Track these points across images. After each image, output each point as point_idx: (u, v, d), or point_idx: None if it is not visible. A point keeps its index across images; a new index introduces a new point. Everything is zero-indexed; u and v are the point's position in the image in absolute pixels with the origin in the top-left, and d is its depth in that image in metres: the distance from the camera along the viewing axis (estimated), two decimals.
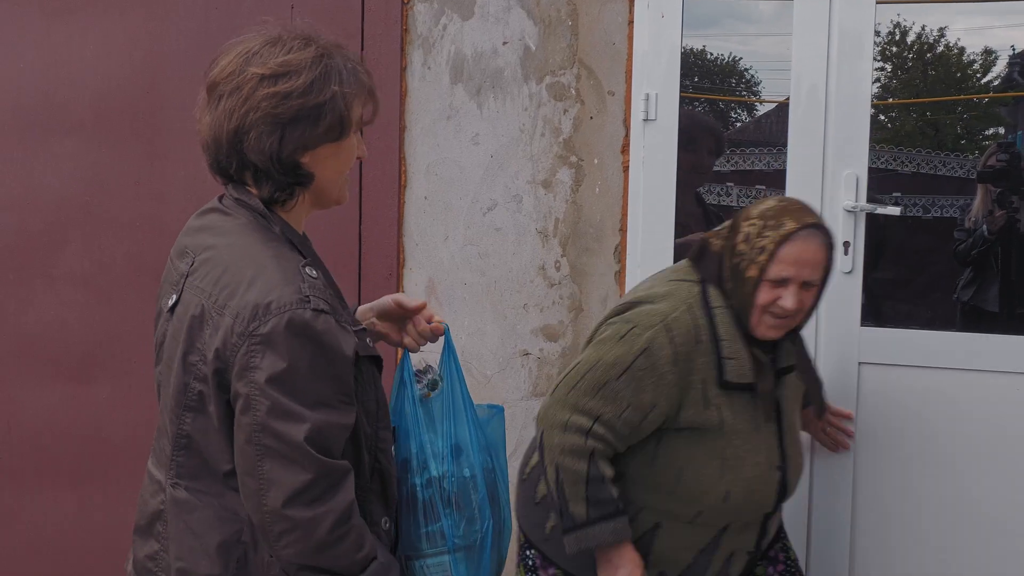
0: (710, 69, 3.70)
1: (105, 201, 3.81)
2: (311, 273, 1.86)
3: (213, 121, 1.89)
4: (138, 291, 3.77)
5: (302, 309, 1.78)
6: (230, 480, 1.86)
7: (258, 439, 1.78)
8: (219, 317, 1.81)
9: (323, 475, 1.79)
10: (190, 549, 1.87)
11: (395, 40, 3.55)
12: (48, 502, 3.90)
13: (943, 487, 3.13)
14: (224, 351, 1.80)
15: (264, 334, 1.77)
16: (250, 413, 1.78)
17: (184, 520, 1.89)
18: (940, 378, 3.13)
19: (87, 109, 3.81)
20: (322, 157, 1.91)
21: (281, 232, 1.92)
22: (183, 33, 3.74)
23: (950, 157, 3.82)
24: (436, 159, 3.56)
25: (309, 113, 1.86)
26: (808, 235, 2.48)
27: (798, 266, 2.47)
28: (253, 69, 1.87)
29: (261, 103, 1.84)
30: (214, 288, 1.85)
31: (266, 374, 1.76)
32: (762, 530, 2.64)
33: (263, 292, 1.79)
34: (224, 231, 1.92)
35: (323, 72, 1.88)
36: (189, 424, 1.88)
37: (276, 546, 1.81)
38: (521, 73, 3.49)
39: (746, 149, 3.66)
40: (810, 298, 2.52)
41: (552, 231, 3.47)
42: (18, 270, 3.88)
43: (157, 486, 1.95)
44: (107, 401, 3.84)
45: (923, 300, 3.65)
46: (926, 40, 3.66)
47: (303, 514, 1.78)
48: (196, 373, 1.85)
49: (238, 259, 1.86)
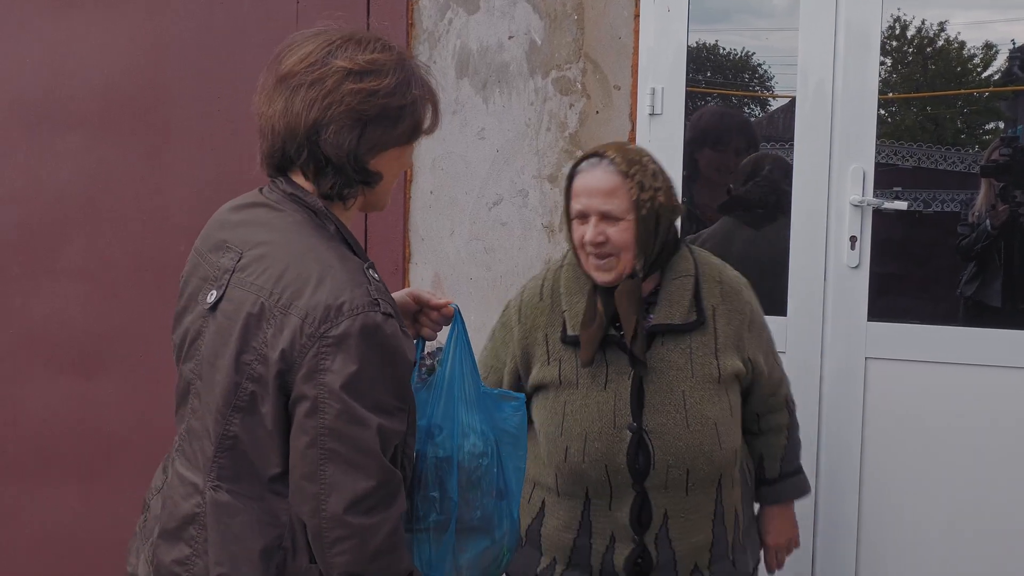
0: (722, 64, 3.69)
1: (109, 196, 3.80)
2: (375, 276, 1.84)
3: (288, 109, 1.83)
4: (141, 286, 3.77)
5: (374, 312, 1.75)
6: (274, 484, 1.82)
7: (323, 443, 1.74)
8: (283, 316, 1.76)
9: (384, 483, 1.77)
10: (232, 555, 1.82)
11: (401, 35, 3.54)
12: (51, 497, 3.89)
13: (948, 481, 3.15)
14: (291, 352, 1.75)
15: (336, 336, 1.73)
16: (317, 416, 1.74)
17: (226, 524, 1.83)
18: (944, 373, 3.15)
19: (91, 104, 3.80)
20: (388, 159, 1.89)
21: (337, 231, 1.88)
22: (186, 28, 3.73)
23: (951, 151, 3.83)
24: (442, 153, 3.55)
25: (391, 114, 1.83)
26: (591, 165, 2.46)
27: (588, 196, 2.44)
28: (339, 63, 1.82)
29: (346, 97, 1.80)
30: (275, 286, 1.79)
31: (338, 377, 1.72)
32: (638, 510, 2.44)
33: (334, 293, 1.75)
34: (277, 227, 1.86)
35: (407, 76, 1.86)
36: (237, 425, 1.82)
37: (329, 552, 1.77)
38: (527, 67, 3.48)
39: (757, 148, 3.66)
40: (619, 232, 2.41)
41: (558, 226, 3.47)
42: (22, 265, 3.87)
43: (191, 488, 1.88)
44: (110, 396, 3.84)
45: (926, 295, 3.66)
46: (926, 34, 3.66)
47: (362, 521, 1.75)
48: (250, 373, 1.80)
49: (300, 257, 1.80)
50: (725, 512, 2.51)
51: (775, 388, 2.62)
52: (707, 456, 2.42)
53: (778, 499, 2.65)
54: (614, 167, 2.43)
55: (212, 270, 1.90)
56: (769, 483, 2.65)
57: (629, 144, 2.60)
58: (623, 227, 2.42)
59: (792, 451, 2.67)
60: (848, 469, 3.17)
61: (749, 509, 2.65)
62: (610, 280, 2.44)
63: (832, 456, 3.18)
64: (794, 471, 2.67)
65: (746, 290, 2.58)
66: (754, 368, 2.53)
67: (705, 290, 2.50)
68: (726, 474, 2.49)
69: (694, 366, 2.45)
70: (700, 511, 2.47)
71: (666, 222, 2.47)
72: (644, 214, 2.41)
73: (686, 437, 2.41)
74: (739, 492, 2.57)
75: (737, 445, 2.51)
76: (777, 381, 2.63)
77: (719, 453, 2.43)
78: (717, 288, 2.52)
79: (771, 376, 2.59)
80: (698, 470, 2.43)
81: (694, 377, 2.44)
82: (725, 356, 2.47)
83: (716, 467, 2.45)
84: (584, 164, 2.48)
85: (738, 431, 2.52)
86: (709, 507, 2.47)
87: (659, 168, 2.49)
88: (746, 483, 2.62)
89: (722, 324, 2.49)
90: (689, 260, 2.53)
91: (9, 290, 3.88)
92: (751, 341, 2.53)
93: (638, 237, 2.41)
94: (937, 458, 3.15)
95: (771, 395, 2.61)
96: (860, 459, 3.17)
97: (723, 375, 2.46)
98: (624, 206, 2.41)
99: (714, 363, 2.46)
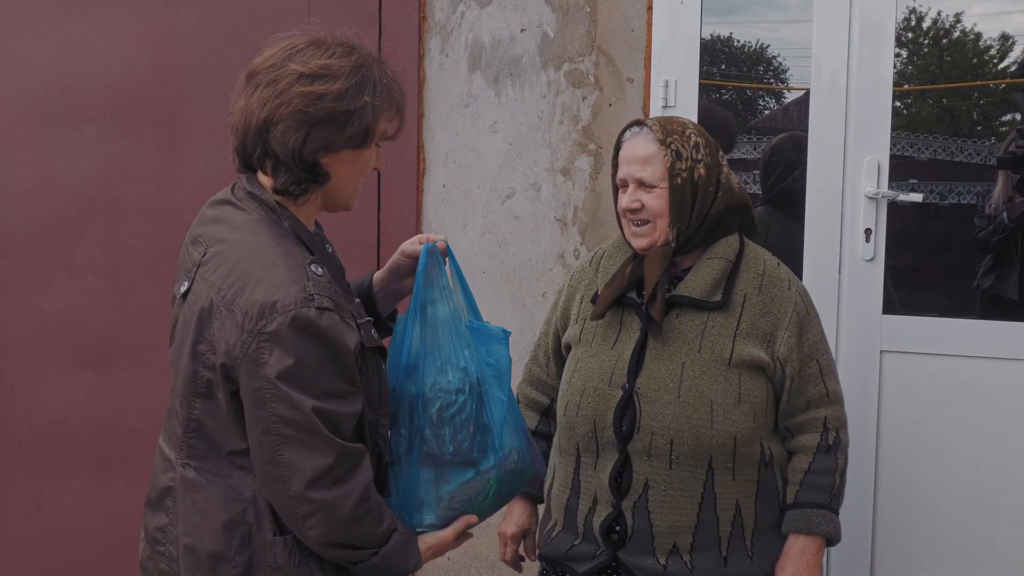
0: (736, 56, 3.68)
1: (123, 190, 3.82)
2: (316, 271, 1.93)
3: (246, 107, 1.96)
4: (157, 279, 3.78)
5: (306, 308, 1.86)
6: (236, 459, 1.97)
7: (276, 430, 1.88)
8: (228, 313, 1.90)
9: (342, 458, 1.90)
10: (196, 527, 1.98)
11: (413, 28, 3.54)
12: (69, 490, 3.91)
13: (964, 474, 3.14)
14: (233, 348, 1.89)
15: (271, 332, 1.86)
16: (265, 407, 1.88)
17: (192, 499, 1.99)
18: (960, 366, 3.13)
19: (105, 99, 3.81)
20: (340, 161, 1.98)
21: (290, 228, 2.00)
22: (199, 23, 3.74)
23: (967, 143, 3.81)
24: (454, 147, 3.55)
25: (337, 117, 1.93)
26: (632, 133, 2.51)
27: (627, 164, 2.48)
28: (294, 65, 1.93)
29: (294, 99, 1.91)
30: (224, 283, 1.93)
31: (275, 370, 1.86)
32: (618, 472, 2.44)
33: (269, 291, 1.87)
34: (236, 225, 2.00)
35: (359, 81, 1.95)
36: (199, 409, 1.98)
37: (303, 527, 1.91)
38: (539, 60, 3.48)
39: (772, 137, 3.65)
40: (653, 199, 2.44)
41: (571, 219, 3.47)
42: (38, 259, 3.88)
43: (168, 463, 2.06)
44: (127, 389, 3.85)
45: (942, 288, 3.64)
46: (942, 26, 3.64)
47: (326, 495, 1.89)
48: (205, 362, 1.95)
49: (248, 256, 1.94)
50: (718, 500, 2.42)
51: (810, 406, 2.48)
52: (693, 431, 2.38)
53: (788, 527, 2.46)
54: (652, 135, 2.46)
55: (188, 262, 2.06)
56: (787, 507, 2.49)
57: (680, 117, 2.58)
58: (657, 194, 2.45)
59: (817, 483, 2.47)
60: (864, 463, 3.16)
61: (767, 515, 2.49)
62: (644, 245, 2.48)
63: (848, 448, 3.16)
64: (815, 504, 2.46)
65: (797, 294, 2.50)
66: (783, 370, 2.45)
67: (742, 278, 2.48)
68: (718, 458, 2.41)
69: (704, 342, 2.43)
70: (683, 490, 2.41)
71: (705, 196, 2.47)
72: (678, 183, 2.44)
73: (674, 407, 2.40)
74: (749, 489, 2.45)
75: (739, 433, 2.41)
76: (815, 401, 2.48)
77: (708, 432, 2.38)
78: (757, 279, 2.49)
79: (805, 391, 2.47)
80: (682, 444, 2.39)
81: (700, 352, 2.42)
82: (745, 342, 2.43)
83: (703, 446, 2.39)
84: (627, 133, 2.53)
85: (747, 422, 2.42)
86: (695, 488, 2.41)
87: (705, 143, 2.49)
88: (772, 488, 2.49)
89: (752, 313, 2.45)
90: (734, 247, 2.51)
91: (25, 285, 3.90)
92: (787, 342, 2.45)
93: (671, 205, 2.44)
94: (953, 452, 3.13)
95: (801, 411, 2.48)
96: (876, 453, 3.15)
97: (735, 358, 2.42)
98: (658, 173, 2.44)
99: (728, 345, 2.43)
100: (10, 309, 3.92)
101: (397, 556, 2.00)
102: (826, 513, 2.47)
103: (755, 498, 2.46)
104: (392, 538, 1.99)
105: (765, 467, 2.47)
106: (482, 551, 3.60)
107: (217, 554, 1.95)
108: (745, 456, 2.43)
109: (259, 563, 1.96)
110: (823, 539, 2.47)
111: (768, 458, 2.47)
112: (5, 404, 3.94)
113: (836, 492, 2.49)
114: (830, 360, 2.53)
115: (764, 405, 2.46)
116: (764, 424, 2.46)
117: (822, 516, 2.46)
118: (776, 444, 2.50)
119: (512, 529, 2.69)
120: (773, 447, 2.48)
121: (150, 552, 2.10)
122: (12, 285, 3.91)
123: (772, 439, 2.49)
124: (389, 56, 3.51)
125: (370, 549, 1.97)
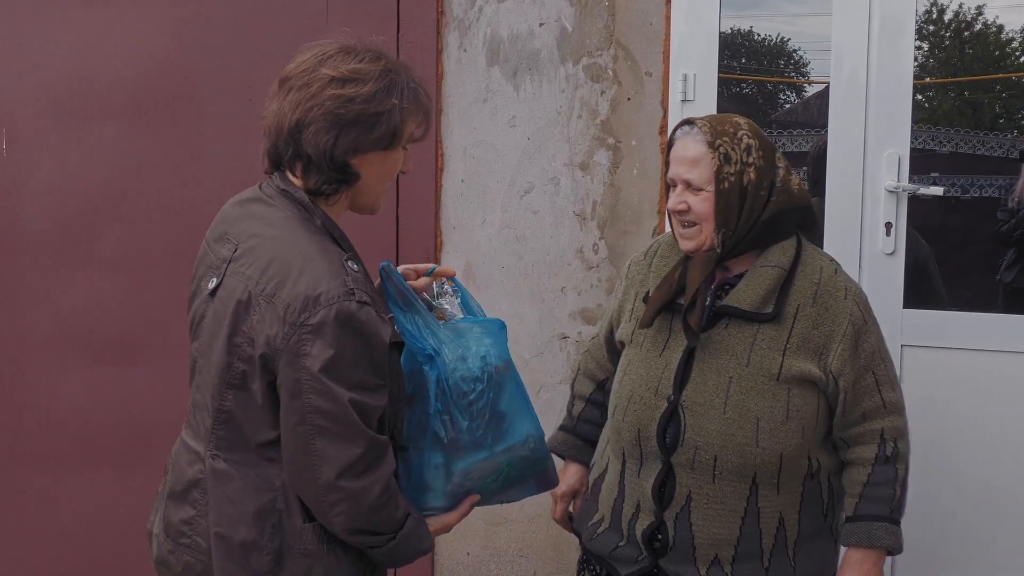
0: (757, 50, 3.67)
1: (142, 187, 3.83)
2: (353, 267, 2.01)
3: (279, 110, 2.05)
4: (176, 276, 3.78)
5: (348, 301, 1.93)
6: (266, 450, 2.02)
7: (310, 420, 1.93)
8: (268, 305, 1.95)
9: (371, 448, 1.97)
10: (228, 516, 2.03)
11: (431, 23, 3.54)
12: (87, 485, 3.93)
13: (986, 468, 3.12)
14: (274, 339, 1.94)
15: (314, 324, 1.91)
16: (301, 397, 1.93)
17: (223, 489, 2.05)
18: (982, 360, 3.11)
19: (124, 96, 3.82)
20: (369, 162, 2.06)
21: (323, 225, 2.06)
22: (218, 19, 3.74)
23: (988, 136, 3.79)
24: (473, 142, 3.55)
25: (367, 119, 2.01)
26: (682, 133, 2.45)
27: (676, 164, 2.43)
28: (325, 70, 2.02)
29: (326, 102, 1.99)
30: (261, 276, 1.98)
31: (318, 362, 1.91)
32: (660, 483, 2.41)
33: (312, 284, 1.93)
34: (269, 221, 2.06)
35: (387, 85, 2.03)
36: (231, 401, 2.03)
37: (329, 514, 1.98)
38: (558, 54, 3.47)
39: (793, 131, 3.64)
40: (699, 202, 2.38)
41: (590, 213, 3.46)
42: (57, 255, 3.90)
43: (194, 456, 2.11)
44: (146, 385, 3.86)
45: (963, 282, 3.62)
46: (963, 18, 3.62)
47: (354, 485, 1.96)
48: (241, 354, 2.00)
49: (286, 250, 1.99)
50: (761, 514, 2.39)
51: (866, 418, 2.40)
52: (738, 449, 2.34)
53: (848, 540, 2.40)
54: (701, 136, 2.40)
55: (215, 259, 2.11)
56: (847, 519, 2.43)
57: (736, 117, 2.48)
58: (703, 197, 2.38)
59: (878, 495, 2.39)
60: None
61: (810, 523, 2.44)
62: (691, 248, 2.43)
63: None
64: (876, 517, 2.39)
65: (854, 303, 2.41)
66: (837, 384, 2.38)
67: (796, 287, 2.40)
68: (763, 474, 2.36)
69: (752, 356, 2.36)
70: (727, 504, 2.38)
71: (755, 200, 2.39)
72: (725, 188, 2.37)
73: (719, 423, 2.34)
74: (793, 501, 2.41)
75: (785, 451, 2.35)
76: (871, 413, 2.40)
77: (753, 450, 2.33)
78: (812, 289, 2.40)
79: (860, 403, 2.39)
80: (726, 460, 2.35)
81: (748, 367, 2.36)
82: (796, 357, 2.36)
83: (748, 464, 2.34)
84: (678, 132, 2.47)
85: (795, 439, 2.35)
86: (739, 503, 2.38)
87: (759, 145, 2.41)
88: (816, 497, 2.44)
89: (804, 325, 2.37)
90: (789, 253, 2.42)
91: (45, 281, 3.91)
92: (841, 355, 2.37)
93: (717, 210, 2.37)
94: (974, 444, 3.12)
95: (857, 424, 2.41)
96: None
97: (785, 374, 2.35)
98: (705, 176, 2.38)
99: (778, 360, 2.35)
100: (29, 305, 3.93)
101: (412, 540, 2.07)
102: (887, 525, 2.39)
103: (799, 509, 2.42)
104: (407, 522, 2.06)
105: (811, 478, 2.42)
106: (501, 546, 3.60)
107: (249, 542, 2.01)
108: (791, 470, 2.38)
109: (289, 550, 2.02)
110: (884, 551, 2.40)
111: (815, 469, 2.42)
112: (24, 400, 3.96)
113: (897, 503, 2.41)
114: (887, 369, 2.43)
115: (814, 420, 2.38)
116: (813, 438, 2.40)
117: (883, 529, 2.38)
118: (824, 454, 2.44)
119: (563, 488, 2.68)
120: (821, 458, 2.42)
121: (171, 546, 2.13)
122: (31, 281, 3.92)
123: (820, 450, 2.43)
124: (407, 51, 3.50)
125: (389, 534, 2.03)
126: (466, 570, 3.65)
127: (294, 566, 2.02)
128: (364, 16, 3.52)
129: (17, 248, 3.93)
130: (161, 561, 2.17)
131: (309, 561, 2.02)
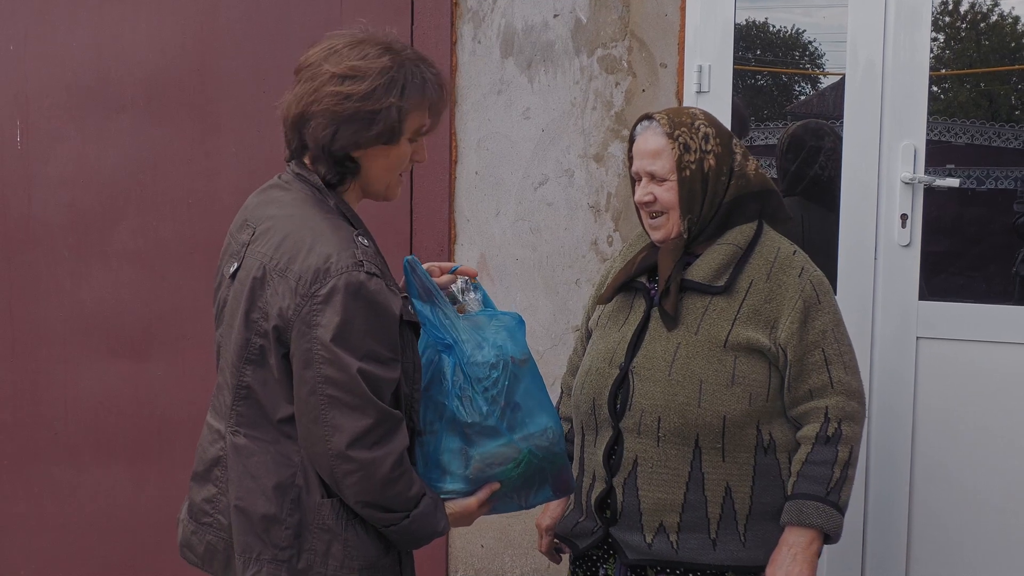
0: (772, 41, 3.66)
1: (158, 179, 3.84)
2: (363, 241, 2.07)
3: (288, 101, 2.10)
4: (192, 268, 3.80)
5: (357, 271, 1.98)
6: (284, 427, 2.07)
7: (322, 390, 1.98)
8: (280, 279, 2.01)
9: (382, 420, 2.00)
10: (248, 490, 2.07)
11: (445, 14, 3.54)
12: (104, 478, 3.95)
13: (1002, 461, 3.11)
14: (286, 311, 1.99)
15: (324, 294, 1.97)
16: (313, 367, 1.98)
17: (243, 464, 2.09)
18: (998, 352, 3.10)
19: (140, 88, 3.83)
20: (372, 155, 2.11)
21: (335, 206, 2.12)
22: (234, 11, 3.75)
23: (1005, 128, 3.78)
24: (487, 134, 3.55)
25: (364, 116, 2.05)
26: (642, 128, 2.57)
27: (639, 158, 2.55)
28: (327, 66, 2.06)
29: (324, 98, 2.04)
30: (275, 252, 2.04)
31: (327, 331, 1.96)
32: (610, 449, 2.47)
33: (322, 257, 1.99)
34: (283, 203, 2.12)
35: (387, 82, 2.06)
36: (250, 376, 2.08)
37: (342, 485, 2.01)
38: (572, 46, 3.47)
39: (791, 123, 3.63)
40: (664, 192, 2.50)
41: (604, 206, 3.46)
42: (73, 248, 3.91)
43: (216, 435, 2.16)
44: (162, 378, 3.88)
45: (979, 273, 3.61)
46: (979, 10, 3.61)
47: (366, 455, 1.99)
48: (257, 329, 2.05)
49: (298, 227, 2.05)
50: (706, 480, 2.41)
51: (812, 396, 2.43)
52: (679, 409, 2.41)
53: (783, 520, 2.41)
54: (660, 128, 2.52)
55: (236, 246, 2.17)
56: (785, 498, 2.45)
57: (691, 108, 2.62)
58: (668, 187, 2.50)
59: (813, 474, 2.40)
60: (900, 450, 3.14)
61: (767, 502, 2.45)
62: (660, 238, 2.54)
63: (884, 436, 3.14)
64: (809, 496, 2.39)
65: (808, 282, 2.47)
66: (785, 356, 2.43)
67: (752, 264, 2.49)
68: (706, 437, 2.40)
69: (702, 325, 2.46)
70: (670, 468, 2.43)
71: (717, 185, 2.50)
72: (687, 175, 2.48)
73: (663, 384, 2.43)
74: (743, 473, 2.43)
75: (729, 414, 2.39)
76: (817, 390, 2.43)
77: (694, 411, 2.40)
78: (766, 267, 2.49)
79: (807, 379, 2.43)
80: (668, 421, 2.41)
81: (696, 334, 2.45)
82: (745, 326, 2.43)
83: (690, 424, 2.40)
84: (638, 127, 2.59)
85: (739, 404, 2.39)
86: (682, 467, 2.42)
87: (717, 132, 2.53)
88: (774, 477, 2.45)
89: (756, 299, 2.46)
90: (747, 234, 2.52)
91: (60, 273, 3.93)
92: (788, 327, 2.42)
93: (681, 197, 2.49)
94: (991, 439, 3.11)
95: (804, 401, 2.44)
96: (912, 439, 3.13)
97: (732, 341, 2.42)
98: (668, 166, 2.50)
99: (726, 328, 2.44)
100: (45, 298, 3.95)
101: (426, 519, 2.09)
102: (820, 505, 2.37)
103: (751, 483, 2.44)
104: (422, 502, 2.08)
105: (764, 452, 2.44)
106: (515, 538, 3.61)
107: (270, 516, 2.05)
108: (737, 438, 2.42)
109: (309, 525, 2.06)
110: (816, 532, 2.38)
111: (768, 443, 2.44)
112: (41, 393, 3.98)
113: (835, 485, 2.39)
114: (841, 351, 2.46)
115: (764, 389, 2.44)
116: (764, 409, 2.44)
117: (815, 508, 2.37)
118: (781, 431, 2.46)
119: (547, 521, 2.73)
120: (776, 433, 2.45)
121: (194, 527, 2.19)
122: (47, 274, 3.94)
123: (776, 426, 2.46)
124: (421, 43, 3.50)
125: (402, 512, 2.06)
126: (480, 562, 3.66)
127: (314, 541, 2.05)
128: (378, 8, 3.53)
129: (33, 240, 3.94)
130: (185, 543, 2.22)
131: (328, 536, 2.05)
